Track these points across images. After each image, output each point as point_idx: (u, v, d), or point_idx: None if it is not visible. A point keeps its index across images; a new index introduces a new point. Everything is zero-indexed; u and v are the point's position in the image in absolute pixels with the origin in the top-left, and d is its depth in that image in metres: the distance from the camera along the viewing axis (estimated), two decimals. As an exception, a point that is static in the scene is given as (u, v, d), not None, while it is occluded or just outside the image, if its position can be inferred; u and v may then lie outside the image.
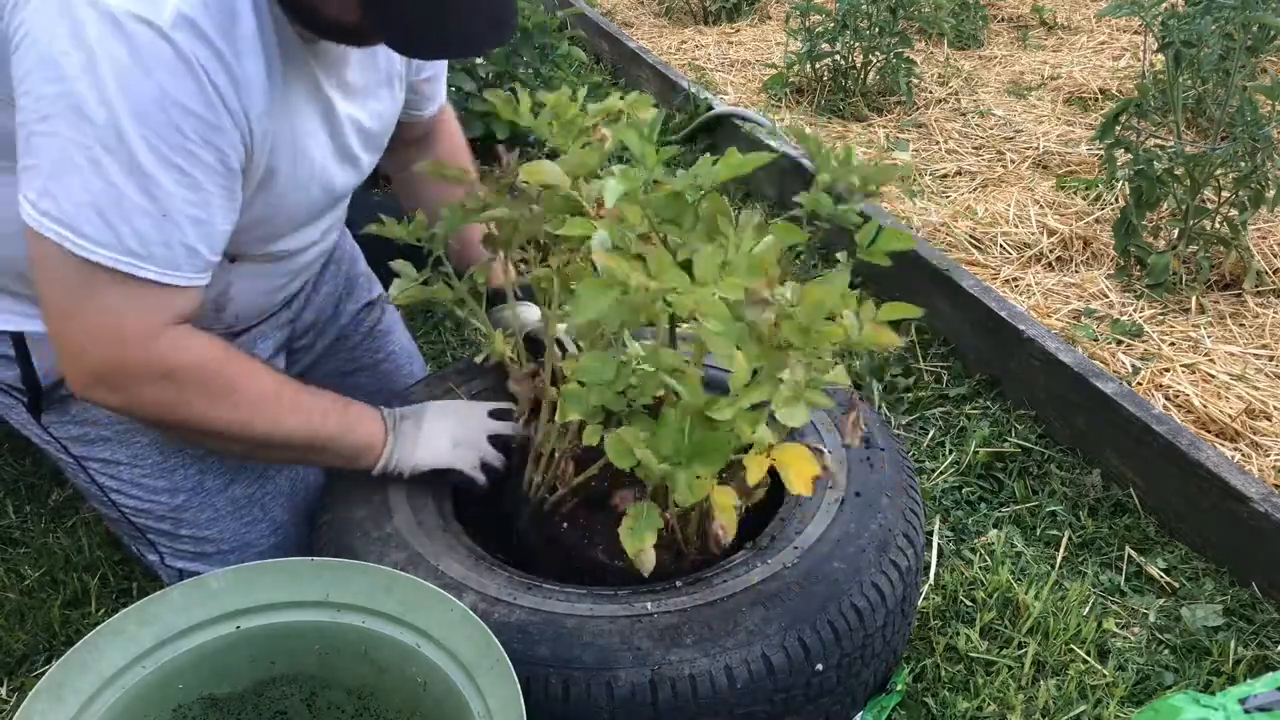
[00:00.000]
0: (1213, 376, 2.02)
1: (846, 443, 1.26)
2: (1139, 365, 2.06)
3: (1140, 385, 2.01)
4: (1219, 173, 2.29)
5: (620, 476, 1.24)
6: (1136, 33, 4.03)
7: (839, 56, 3.44)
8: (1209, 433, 1.89)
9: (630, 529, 1.13)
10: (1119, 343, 2.15)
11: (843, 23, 3.35)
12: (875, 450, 1.41)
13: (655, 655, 1.13)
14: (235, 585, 1.16)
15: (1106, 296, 2.33)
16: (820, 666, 1.18)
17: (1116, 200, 2.67)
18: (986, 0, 4.33)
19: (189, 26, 1.07)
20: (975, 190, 2.89)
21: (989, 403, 2.07)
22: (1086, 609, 1.59)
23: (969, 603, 1.60)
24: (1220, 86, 2.66)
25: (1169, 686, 1.46)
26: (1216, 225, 2.35)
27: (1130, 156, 2.33)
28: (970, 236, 2.59)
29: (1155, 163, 2.27)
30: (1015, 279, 2.42)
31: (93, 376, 1.17)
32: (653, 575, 1.17)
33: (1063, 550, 1.71)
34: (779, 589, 1.20)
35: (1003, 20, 4.38)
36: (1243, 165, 2.22)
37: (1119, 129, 2.37)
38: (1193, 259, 2.37)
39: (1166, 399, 1.97)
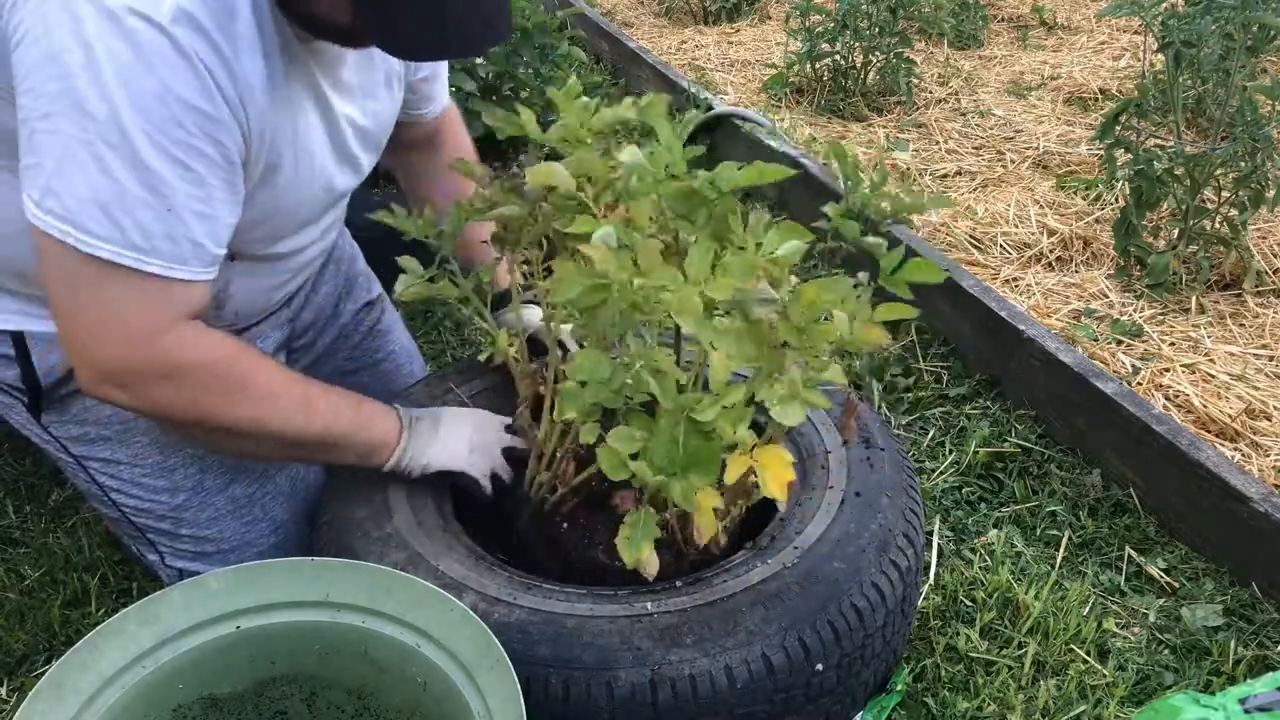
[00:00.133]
0: (1213, 376, 2.02)
1: (845, 440, 1.26)
2: (1139, 365, 2.06)
3: (1140, 385, 2.01)
4: (1219, 173, 2.29)
5: (620, 476, 1.24)
6: (1136, 33, 4.03)
7: (839, 56, 3.44)
8: (1209, 433, 1.89)
9: (627, 539, 1.13)
10: (1119, 343, 2.15)
11: (843, 23, 3.35)
12: (875, 450, 1.41)
13: (655, 655, 1.13)
14: (235, 585, 1.16)
15: (1106, 296, 2.33)
16: (820, 666, 1.18)
17: (1116, 200, 2.67)
18: (986, 0, 4.33)
19: (188, 21, 1.07)
20: (975, 190, 2.89)
21: (989, 403, 2.07)
22: (1086, 609, 1.59)
23: (969, 603, 1.60)
24: (1220, 86, 2.66)
25: (1169, 686, 1.46)
26: (1216, 225, 2.35)
27: (1130, 156, 2.33)
28: (970, 236, 2.59)
29: (1155, 163, 2.27)
30: (1015, 279, 2.42)
31: (102, 374, 1.17)
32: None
33: (1063, 550, 1.71)
34: (779, 589, 1.20)
35: (1003, 20, 4.38)
36: (1243, 165, 2.22)
37: (1119, 129, 2.37)
38: (1193, 259, 2.37)
39: (1166, 399, 1.97)
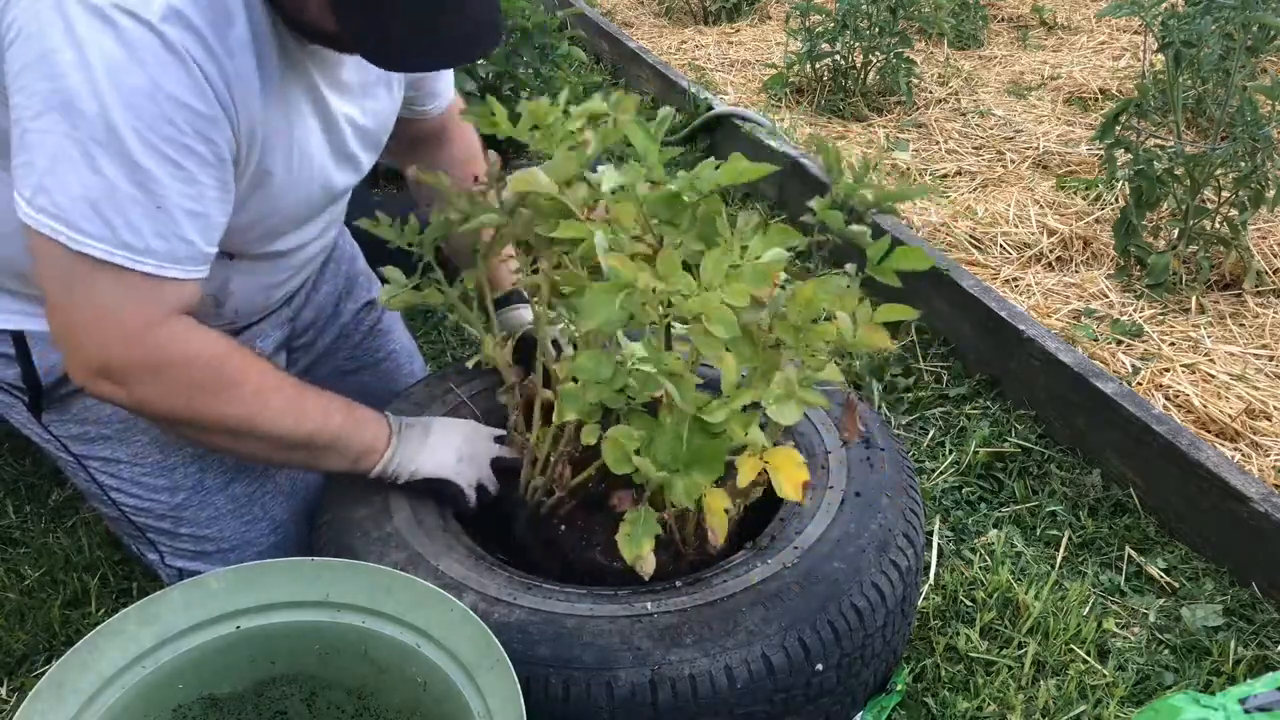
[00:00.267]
0: (1213, 376, 2.02)
1: (843, 440, 1.26)
2: (1139, 365, 2.06)
3: (1140, 385, 2.01)
4: (1219, 173, 2.29)
5: (618, 477, 1.24)
6: (1136, 33, 4.03)
7: (839, 56, 3.44)
8: (1209, 433, 1.89)
9: (627, 535, 1.13)
10: (1119, 343, 2.15)
11: (843, 23, 3.35)
12: (875, 450, 1.41)
13: (655, 655, 1.13)
14: (235, 585, 1.16)
15: (1106, 296, 2.33)
16: (820, 666, 1.18)
17: (1116, 200, 2.67)
18: (986, 0, 4.33)
19: (178, 19, 1.07)
20: (975, 190, 2.89)
21: (989, 403, 2.07)
22: (1086, 609, 1.59)
23: (969, 603, 1.60)
24: (1220, 86, 2.66)
25: (1169, 686, 1.46)
26: (1216, 225, 2.35)
27: (1130, 156, 2.33)
28: (970, 236, 2.59)
29: (1155, 163, 2.27)
30: (1015, 279, 2.42)
31: (94, 370, 1.17)
32: (652, 575, 1.17)
33: (1063, 550, 1.71)
34: (779, 589, 1.20)
35: (1003, 20, 4.38)
36: (1243, 165, 2.22)
37: (1119, 129, 2.37)
38: (1193, 259, 2.37)
39: (1166, 399, 1.97)
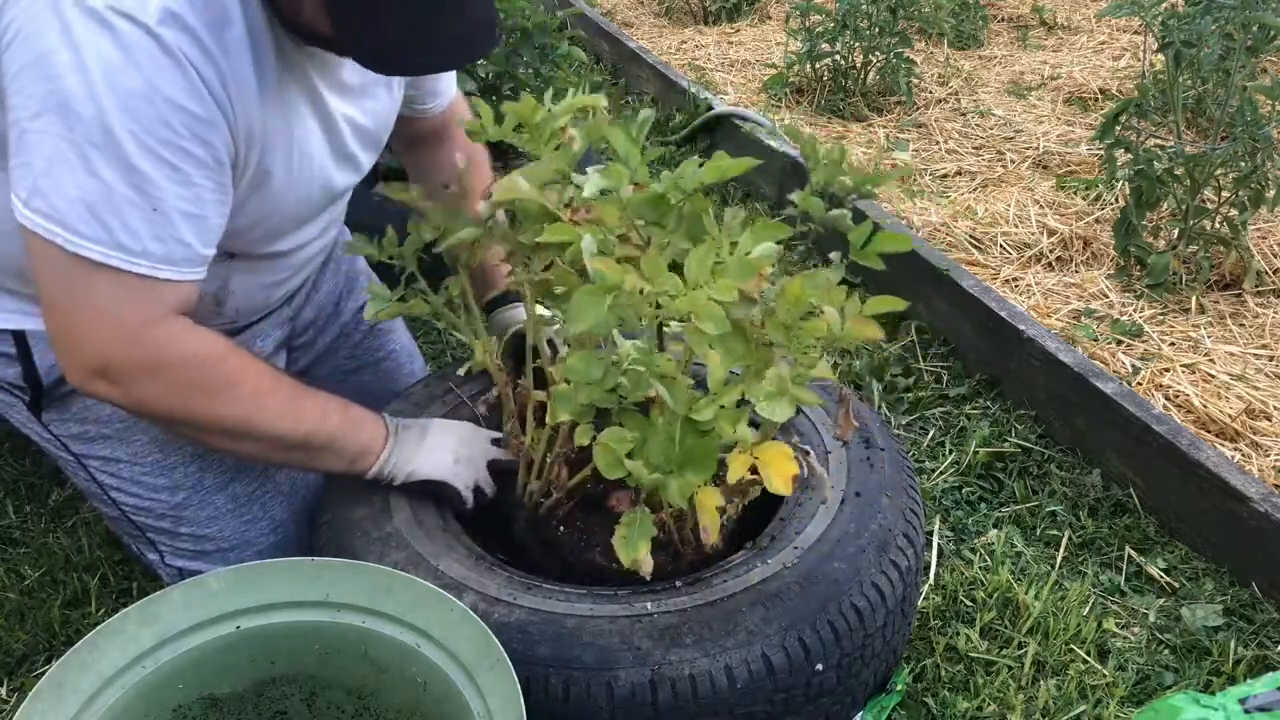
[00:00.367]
0: (1213, 376, 2.02)
1: (838, 435, 1.25)
2: (1139, 365, 2.06)
3: (1140, 385, 2.01)
4: (1219, 173, 2.28)
5: (614, 477, 1.24)
6: (1136, 33, 4.03)
7: (839, 56, 3.44)
8: (1209, 433, 1.89)
9: (624, 538, 1.13)
10: (1119, 343, 2.15)
11: (843, 23, 3.35)
12: (875, 450, 1.41)
13: (655, 655, 1.13)
14: (235, 585, 1.16)
15: (1106, 296, 2.33)
16: (820, 666, 1.18)
17: (1116, 200, 2.67)
18: (986, 0, 4.33)
19: (175, 21, 1.07)
20: (975, 190, 2.89)
21: (989, 403, 2.07)
22: (1086, 609, 1.59)
23: (969, 603, 1.60)
24: (1220, 86, 2.65)
25: (1169, 686, 1.46)
26: (1216, 225, 2.35)
27: (1130, 156, 2.33)
28: (970, 236, 2.59)
29: (1155, 163, 2.27)
30: (1015, 279, 2.42)
31: (91, 371, 1.17)
32: (652, 575, 1.17)
33: (1063, 550, 1.71)
34: (779, 589, 1.20)
35: (1003, 20, 4.38)
36: (1243, 165, 2.22)
37: (1119, 129, 2.37)
38: (1193, 259, 2.37)
39: (1166, 399, 1.97)
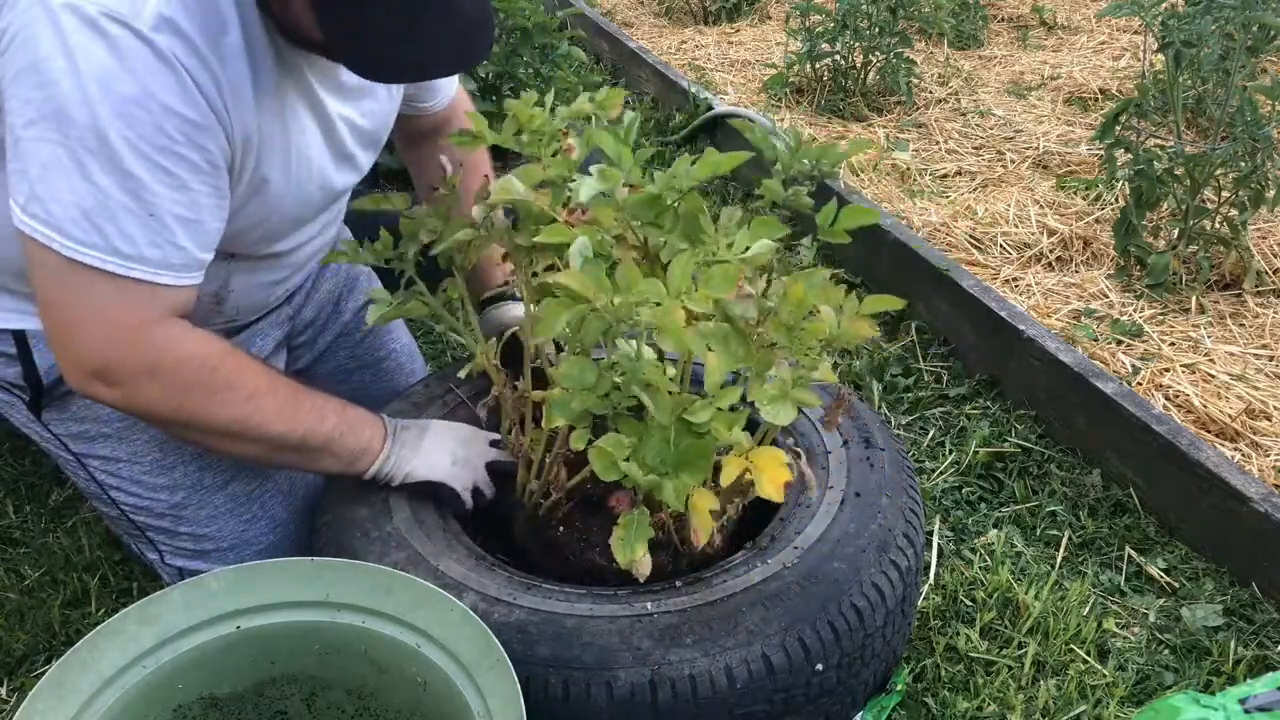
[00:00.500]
0: (1213, 376, 2.02)
1: (824, 419, 1.25)
2: (1139, 365, 2.06)
3: (1140, 385, 2.01)
4: (1219, 173, 2.28)
5: (613, 479, 1.24)
6: (1136, 33, 4.03)
7: (839, 56, 3.44)
8: (1209, 433, 1.89)
9: (621, 539, 1.13)
10: (1119, 343, 2.15)
11: (843, 23, 3.35)
12: (875, 450, 1.41)
13: (655, 655, 1.13)
14: (235, 585, 1.16)
15: (1106, 296, 2.33)
16: (820, 666, 1.18)
17: (1116, 200, 2.67)
18: (986, 0, 4.33)
19: (169, 27, 1.07)
20: (975, 190, 2.89)
21: (989, 403, 2.07)
22: (1086, 609, 1.59)
23: (969, 603, 1.60)
24: (1220, 86, 2.66)
25: (1169, 686, 1.46)
26: (1216, 225, 2.35)
27: (1130, 156, 2.33)
28: (970, 236, 2.59)
29: (1155, 163, 2.27)
30: (1015, 279, 2.42)
31: (89, 372, 1.17)
32: (652, 575, 1.17)
33: (1063, 550, 1.71)
34: (779, 589, 1.20)
35: (1003, 20, 4.38)
36: (1243, 165, 2.22)
37: (1119, 129, 2.37)
38: (1193, 259, 2.37)
39: (1166, 399, 1.97)
